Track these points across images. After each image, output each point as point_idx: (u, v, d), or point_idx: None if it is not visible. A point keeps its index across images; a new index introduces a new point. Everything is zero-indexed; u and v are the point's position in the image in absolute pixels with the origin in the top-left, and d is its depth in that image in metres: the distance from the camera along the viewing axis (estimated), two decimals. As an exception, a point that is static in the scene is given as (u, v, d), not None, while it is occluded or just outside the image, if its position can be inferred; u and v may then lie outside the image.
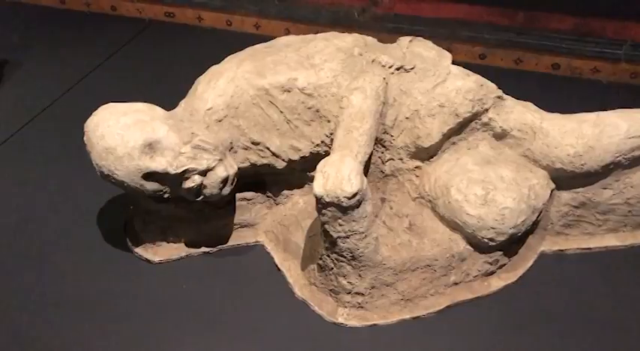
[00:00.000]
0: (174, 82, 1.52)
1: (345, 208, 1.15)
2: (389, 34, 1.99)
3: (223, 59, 1.42)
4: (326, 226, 1.19)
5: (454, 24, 2.14)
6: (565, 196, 1.39)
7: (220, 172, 1.28)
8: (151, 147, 1.23)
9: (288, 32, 2.27)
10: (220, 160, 1.29)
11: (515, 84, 1.99)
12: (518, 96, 1.47)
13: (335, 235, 1.20)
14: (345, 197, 1.14)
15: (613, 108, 1.39)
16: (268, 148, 1.35)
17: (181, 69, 1.77)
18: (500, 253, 1.33)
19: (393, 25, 2.17)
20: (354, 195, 1.14)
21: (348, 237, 1.20)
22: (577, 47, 2.06)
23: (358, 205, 1.16)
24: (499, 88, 1.42)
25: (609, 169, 1.35)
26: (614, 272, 1.39)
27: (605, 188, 1.38)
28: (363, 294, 1.27)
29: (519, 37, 2.10)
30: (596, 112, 1.36)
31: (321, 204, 1.16)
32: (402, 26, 2.15)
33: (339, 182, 1.14)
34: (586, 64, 2.07)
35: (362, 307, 1.28)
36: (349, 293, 1.27)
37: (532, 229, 1.40)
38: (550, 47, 2.09)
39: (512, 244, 1.36)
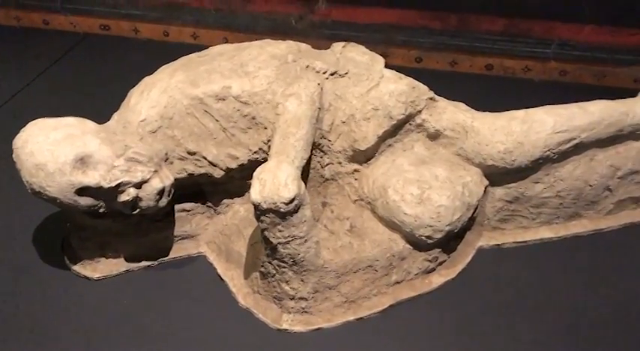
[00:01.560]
0: (111, 95, 1.50)
1: (284, 213, 1.16)
2: (327, 41, 2.00)
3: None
4: (265, 232, 1.20)
5: (389, 29, 2.19)
6: (499, 191, 1.44)
7: (156, 184, 1.27)
8: (82, 161, 1.21)
9: (226, 41, 2.27)
10: (155, 171, 1.28)
11: (452, 85, 2.06)
12: (455, 97, 1.51)
13: (275, 242, 1.20)
14: (282, 203, 1.14)
15: (545, 105, 1.44)
16: (205, 158, 1.35)
17: (118, 82, 1.74)
18: (439, 250, 1.36)
19: (330, 32, 2.20)
20: (292, 200, 1.15)
21: (288, 242, 1.20)
22: (508, 48, 2.14)
23: (296, 210, 1.17)
24: (437, 90, 1.46)
25: (539, 164, 1.40)
26: (549, 263, 1.45)
27: (536, 182, 1.43)
28: (306, 299, 1.28)
29: (453, 39, 2.16)
30: (524, 110, 1.42)
31: (259, 211, 1.17)
32: (340, 32, 2.18)
33: (276, 188, 1.15)
34: (518, 64, 2.15)
35: (306, 312, 1.29)
36: (293, 299, 1.28)
37: (469, 225, 1.44)
38: (483, 49, 2.16)
39: (451, 241, 1.39)
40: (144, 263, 1.42)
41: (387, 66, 1.45)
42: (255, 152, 1.36)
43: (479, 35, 2.14)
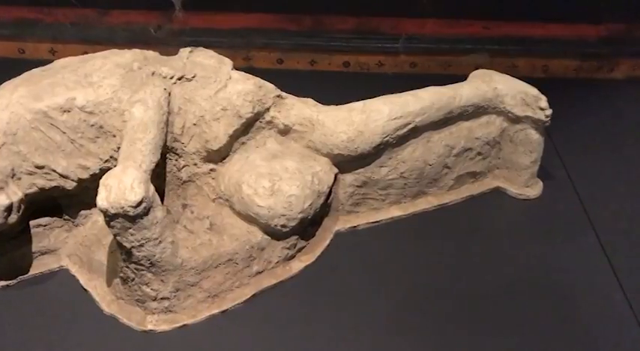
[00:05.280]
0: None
1: (133, 217, 1.18)
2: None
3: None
4: (118, 237, 1.22)
5: (249, 33, 2.25)
6: (348, 178, 1.53)
7: (2, 201, 1.25)
8: None
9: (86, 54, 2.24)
10: (1, 188, 1.26)
11: (313, 84, 2.16)
12: (317, 94, 1.59)
13: (129, 246, 1.23)
14: (130, 206, 1.17)
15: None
16: (55, 170, 1.34)
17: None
18: (296, 237, 1.44)
19: (191, 39, 2.21)
20: (140, 203, 1.18)
21: (142, 245, 1.23)
22: (361, 45, 2.26)
23: (146, 212, 1.20)
24: (299, 88, 1.54)
25: (380, 149, 1.51)
26: (402, 239, 1.56)
27: (381, 167, 1.54)
28: (168, 298, 1.31)
29: (310, 40, 2.26)
30: (363, 101, 1.52)
31: (107, 217, 1.19)
32: (200, 39, 2.19)
33: (122, 193, 1.17)
34: (371, 60, 2.29)
35: (170, 311, 1.32)
36: (155, 300, 1.30)
37: (325, 211, 1.53)
38: (339, 47, 2.27)
39: (308, 228, 1.47)
40: (2, 283, 1.39)
41: (250, 69, 1.52)
42: (106, 161, 1.37)
43: (333, 35, 2.25)
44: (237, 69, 1.50)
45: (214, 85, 1.45)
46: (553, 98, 1.63)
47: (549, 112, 1.56)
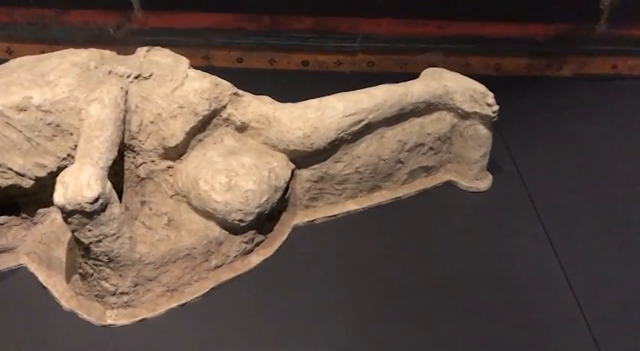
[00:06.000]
0: None
1: (90, 213, 1.21)
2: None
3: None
4: (76, 234, 1.24)
5: (208, 32, 2.27)
6: (305, 173, 1.58)
7: (-42, 199, 1.26)
8: None
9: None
10: (-43, 187, 1.27)
11: (272, 83, 2.19)
12: (276, 93, 1.63)
13: (87, 241, 1.25)
14: (87, 203, 1.19)
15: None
16: (11, 169, 1.35)
17: None
18: (254, 231, 1.48)
19: (150, 39, 2.23)
20: (96, 199, 1.20)
21: (100, 241, 1.25)
22: (320, 44, 2.31)
23: (103, 208, 1.22)
24: (259, 87, 1.57)
25: (336, 145, 1.56)
26: (358, 232, 1.61)
27: (337, 162, 1.59)
28: (127, 293, 1.33)
29: (269, 39, 2.30)
30: (318, 98, 1.57)
31: (65, 213, 1.20)
32: (159, 38, 2.21)
33: (79, 189, 1.19)
34: (330, 59, 2.33)
35: (129, 306, 1.34)
36: (114, 294, 1.33)
37: (283, 206, 1.57)
38: (297, 46, 2.31)
39: (266, 222, 1.51)
40: (-41, 282, 1.39)
41: (210, 68, 1.55)
42: (63, 159, 1.39)
43: (292, 34, 2.29)
44: (197, 68, 1.53)
45: (171, 83, 1.47)
46: (505, 95, 1.70)
47: (496, 107, 1.63)
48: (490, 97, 1.62)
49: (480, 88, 1.64)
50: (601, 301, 1.43)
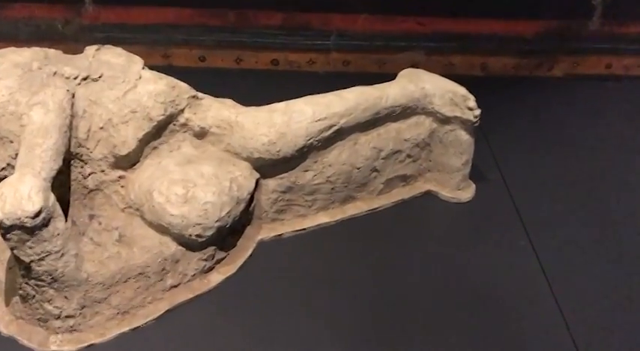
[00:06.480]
0: None
1: (31, 228, 1.21)
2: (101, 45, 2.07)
3: None
4: (15, 251, 1.24)
5: (167, 29, 2.29)
6: (271, 183, 1.60)
7: None
8: None
9: (-16, 52, 2.23)
10: None
11: (238, 83, 2.22)
12: (243, 94, 1.66)
13: (28, 260, 1.25)
14: (27, 217, 1.20)
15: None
16: (-56, 180, 1.36)
17: None
18: (214, 247, 1.49)
19: (103, 35, 2.25)
20: (38, 213, 1.20)
21: (42, 259, 1.26)
22: (290, 42, 2.34)
23: (46, 223, 1.23)
24: (224, 87, 1.59)
25: (305, 152, 1.58)
26: (329, 247, 1.63)
27: (306, 171, 1.62)
28: (73, 316, 1.34)
29: (234, 36, 2.33)
30: (285, 102, 1.60)
31: (3, 229, 1.21)
32: (113, 35, 2.25)
33: (19, 202, 1.20)
34: (302, 57, 2.37)
35: (75, 330, 1.35)
36: (58, 318, 1.33)
37: (247, 219, 1.59)
38: (266, 44, 2.35)
39: (227, 237, 1.53)
40: None
41: (170, 67, 1.56)
42: (3, 168, 1.40)
43: (260, 31, 2.32)
44: (155, 68, 1.55)
45: (123, 85, 1.49)
46: (491, 97, 1.75)
47: (478, 112, 1.67)
48: (471, 101, 1.66)
49: (461, 90, 1.68)
50: (588, 318, 1.47)
